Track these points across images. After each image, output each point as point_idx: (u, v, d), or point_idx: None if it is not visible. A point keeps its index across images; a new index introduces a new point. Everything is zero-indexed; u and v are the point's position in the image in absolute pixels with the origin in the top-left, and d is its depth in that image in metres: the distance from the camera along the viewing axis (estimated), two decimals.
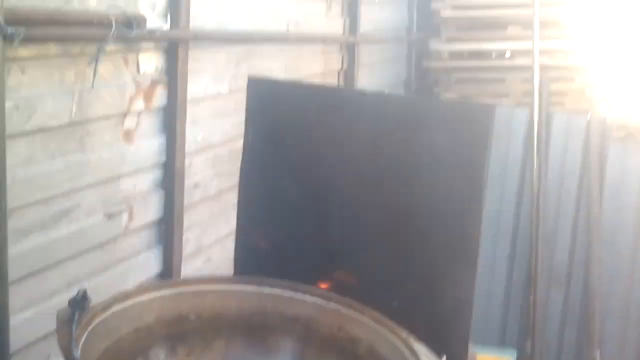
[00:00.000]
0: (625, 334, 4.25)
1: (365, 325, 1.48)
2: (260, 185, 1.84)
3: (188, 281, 1.61)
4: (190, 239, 2.56)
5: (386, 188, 1.72)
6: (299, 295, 1.55)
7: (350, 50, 3.59)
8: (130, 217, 2.23)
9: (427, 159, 1.67)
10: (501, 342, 4.32)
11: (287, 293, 1.55)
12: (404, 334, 1.43)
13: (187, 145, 2.42)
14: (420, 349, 1.39)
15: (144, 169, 2.27)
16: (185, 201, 2.46)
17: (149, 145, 2.28)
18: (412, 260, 1.70)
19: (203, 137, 2.56)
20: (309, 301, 1.54)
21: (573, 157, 4.22)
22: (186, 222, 2.48)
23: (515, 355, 3.37)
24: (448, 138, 1.63)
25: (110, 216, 2.15)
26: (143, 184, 2.28)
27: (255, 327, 1.54)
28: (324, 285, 1.65)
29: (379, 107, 1.75)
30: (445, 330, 1.73)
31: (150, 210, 2.34)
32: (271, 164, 1.82)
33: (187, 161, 2.44)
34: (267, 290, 1.56)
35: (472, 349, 2.34)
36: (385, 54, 4.13)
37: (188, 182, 2.47)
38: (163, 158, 2.34)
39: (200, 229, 2.66)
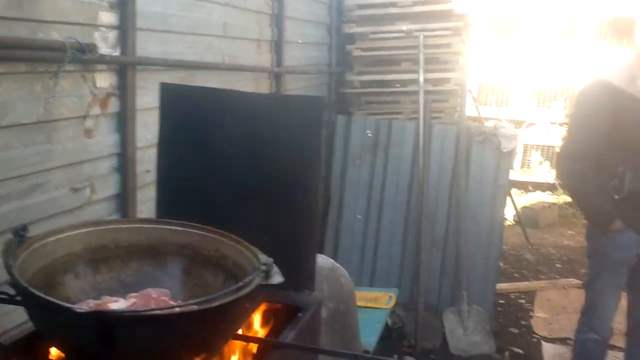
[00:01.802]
0: (485, 281, 4.38)
1: (232, 246, 1.56)
2: (173, 164, 1.90)
3: (110, 221, 1.68)
4: (143, 210, 2.58)
5: (259, 162, 1.77)
6: (187, 229, 1.63)
7: (277, 79, 3.69)
8: (93, 192, 2.27)
9: (284, 139, 1.75)
10: (398, 287, 4.43)
11: (180, 228, 1.63)
12: (256, 250, 1.51)
13: (140, 141, 2.47)
14: (267, 259, 1.47)
15: (102, 157, 2.30)
16: (139, 182, 2.49)
17: (106, 140, 2.31)
18: (275, 211, 1.78)
19: (152, 136, 2.60)
20: (194, 233, 1.62)
21: (447, 156, 4.33)
22: (140, 198, 2.52)
23: (397, 292, 3.45)
24: (294, 122, 1.73)
25: (75, 190, 2.18)
26: (102, 168, 2.31)
27: (158, 252, 1.61)
28: None
29: (254, 103, 1.83)
30: (297, 260, 1.81)
31: (110, 188, 2.37)
32: (181, 147, 1.88)
33: (140, 153, 2.47)
34: (166, 227, 1.63)
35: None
36: (309, 82, 4.22)
37: (141, 168, 2.49)
38: (118, 150, 2.37)
39: (152, 203, 2.69)
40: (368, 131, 4.42)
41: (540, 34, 7.92)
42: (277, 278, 1.40)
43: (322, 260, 2.56)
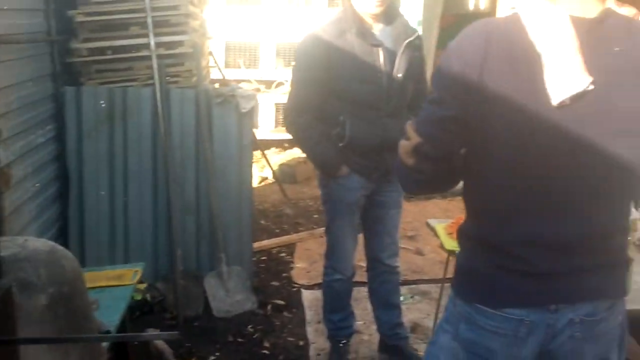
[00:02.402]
0: (241, 240, 4.45)
1: None
2: None
3: None
4: None
5: None
6: None
7: None
8: None
9: None
10: (155, 260, 4.34)
11: None
12: None
13: None
14: None
15: None
16: None
17: None
18: None
19: None
20: None
21: (189, 119, 4.27)
22: None
23: (143, 266, 3.35)
24: None
25: None
26: None
27: None
28: None
29: None
30: None
31: None
32: None
33: None
34: None
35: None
36: (24, 53, 3.81)
37: None
38: None
39: None
40: (101, 101, 4.18)
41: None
42: None
43: (39, 245, 2.36)
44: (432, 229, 3.29)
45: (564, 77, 1.42)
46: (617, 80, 1.48)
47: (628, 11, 2.80)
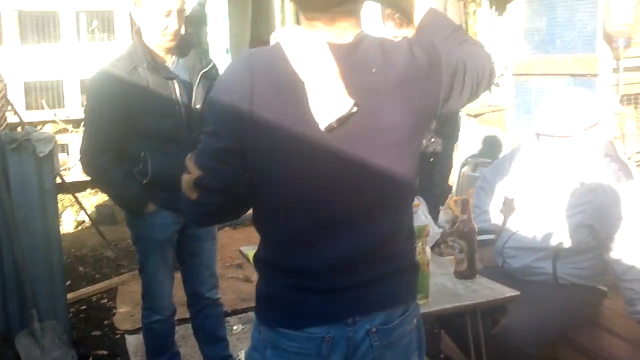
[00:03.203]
0: (53, 292, 4.13)
1: None
2: None
3: None
4: None
5: None
6: None
7: None
8: None
9: None
10: None
11: None
12: None
13: None
14: None
15: None
16: None
17: None
18: None
19: None
20: None
21: None
22: None
23: None
24: None
25: None
26: None
27: None
28: None
29: None
30: None
31: None
32: None
33: None
34: None
35: None
36: None
37: None
38: None
39: None
40: None
41: (80, 31, 7.86)
42: None
43: None
44: (245, 257, 3.27)
45: (328, 102, 1.48)
46: (377, 99, 1.58)
47: (408, 32, 2.99)
